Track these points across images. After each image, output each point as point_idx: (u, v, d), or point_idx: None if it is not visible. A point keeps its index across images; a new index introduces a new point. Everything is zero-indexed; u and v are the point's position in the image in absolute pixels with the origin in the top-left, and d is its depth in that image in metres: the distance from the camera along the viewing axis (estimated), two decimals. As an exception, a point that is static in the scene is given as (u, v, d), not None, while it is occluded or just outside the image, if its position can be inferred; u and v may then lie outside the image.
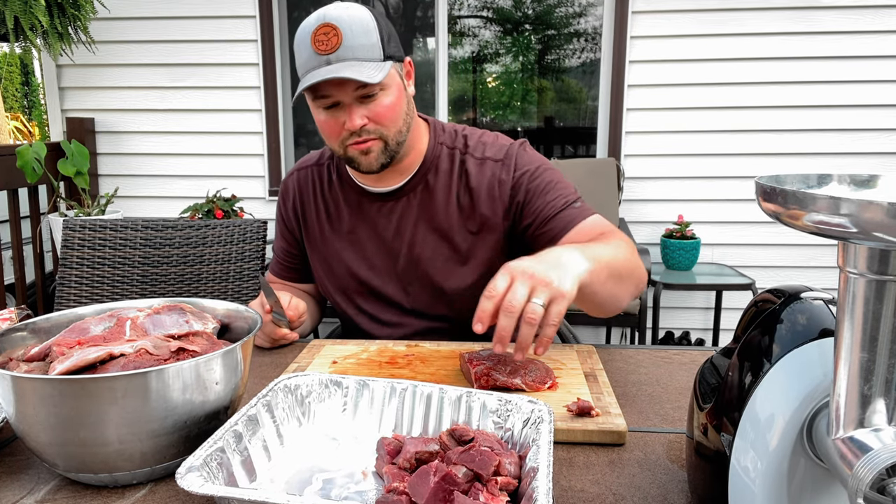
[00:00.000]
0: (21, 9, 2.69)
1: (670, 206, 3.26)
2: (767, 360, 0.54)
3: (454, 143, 1.25)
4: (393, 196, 1.24)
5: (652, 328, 2.95)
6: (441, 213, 1.22)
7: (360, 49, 1.05)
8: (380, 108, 1.10)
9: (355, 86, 1.07)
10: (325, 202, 1.30)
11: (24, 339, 0.79)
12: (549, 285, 0.82)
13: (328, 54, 1.04)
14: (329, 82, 1.06)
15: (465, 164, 1.22)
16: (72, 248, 1.68)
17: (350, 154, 1.14)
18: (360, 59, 1.06)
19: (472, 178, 1.21)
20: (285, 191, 1.35)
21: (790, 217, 0.43)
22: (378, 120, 1.11)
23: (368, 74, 1.05)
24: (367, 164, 1.14)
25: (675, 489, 0.70)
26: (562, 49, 3.44)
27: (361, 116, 1.09)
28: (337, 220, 1.28)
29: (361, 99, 1.09)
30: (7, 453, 0.78)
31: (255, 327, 0.80)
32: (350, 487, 0.67)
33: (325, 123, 1.13)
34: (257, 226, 1.70)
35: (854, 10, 3.04)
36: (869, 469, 0.43)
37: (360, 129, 1.10)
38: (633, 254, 1.07)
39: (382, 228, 1.25)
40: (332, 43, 1.04)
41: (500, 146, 1.23)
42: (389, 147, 1.14)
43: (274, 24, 3.29)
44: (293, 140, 3.55)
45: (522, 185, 1.19)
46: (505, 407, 0.73)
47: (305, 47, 1.06)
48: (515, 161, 1.21)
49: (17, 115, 6.91)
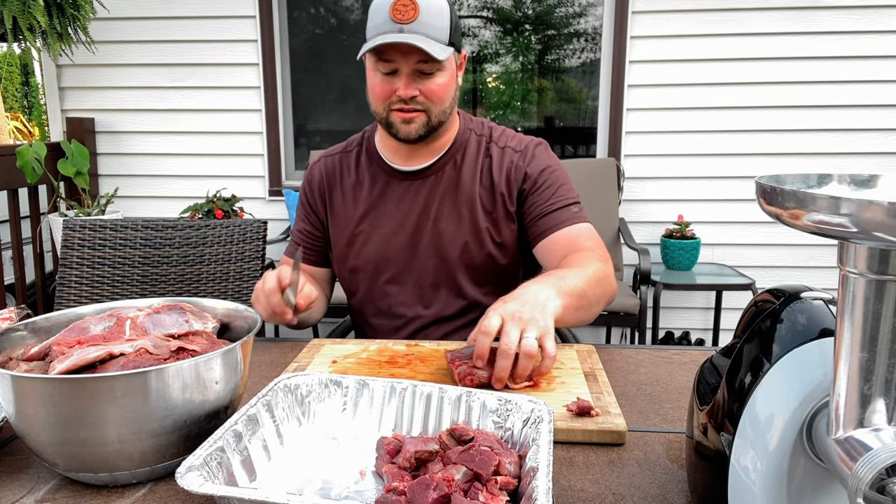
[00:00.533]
0: (19, 9, 2.69)
1: (670, 206, 3.26)
2: (767, 359, 0.54)
3: (482, 130, 1.35)
4: (422, 174, 1.31)
5: (652, 328, 2.95)
6: (466, 192, 1.30)
7: (431, 28, 1.14)
8: (433, 85, 1.20)
9: (418, 58, 1.16)
10: (353, 183, 1.36)
11: (24, 338, 0.79)
12: (537, 324, 0.93)
13: (403, 24, 1.13)
14: (395, 49, 1.15)
15: (490, 150, 1.32)
16: (72, 248, 1.68)
17: (392, 119, 1.22)
18: (430, 37, 1.15)
19: (495, 162, 1.31)
20: (311, 176, 1.41)
21: (790, 217, 0.43)
22: (428, 95, 1.20)
23: (434, 50, 1.14)
24: (405, 132, 1.23)
25: (675, 489, 0.70)
26: (562, 49, 3.44)
27: (414, 88, 1.19)
28: (362, 199, 1.34)
29: (419, 73, 1.18)
30: (7, 453, 0.78)
31: (255, 327, 0.80)
32: (350, 487, 0.67)
33: (379, 86, 1.21)
34: (257, 226, 1.70)
35: (854, 10, 3.04)
36: (869, 469, 0.43)
37: (409, 99, 1.19)
38: (604, 274, 1.16)
39: (409, 206, 1.31)
40: (410, 15, 1.13)
41: (521, 139, 1.34)
42: (431, 122, 1.23)
43: (274, 24, 3.29)
44: (293, 140, 3.55)
45: (531, 177, 1.29)
46: (505, 406, 0.73)
47: (382, 13, 1.15)
48: (532, 154, 1.31)
49: (17, 115, 6.91)
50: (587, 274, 1.11)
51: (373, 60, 1.19)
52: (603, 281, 1.15)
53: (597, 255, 1.19)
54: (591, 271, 1.12)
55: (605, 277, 1.16)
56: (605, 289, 1.15)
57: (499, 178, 1.30)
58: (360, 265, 1.34)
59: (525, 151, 1.31)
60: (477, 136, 1.34)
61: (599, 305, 1.15)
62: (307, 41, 3.48)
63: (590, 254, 1.19)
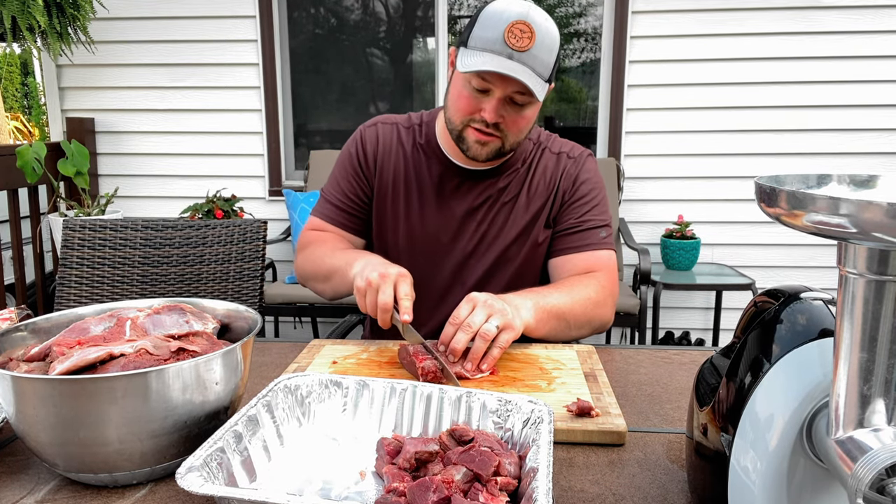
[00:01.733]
0: (19, 9, 2.69)
1: (670, 206, 3.26)
2: (767, 360, 0.54)
3: (538, 138, 1.34)
4: (477, 176, 1.29)
5: (652, 328, 2.95)
6: (513, 197, 1.29)
7: (539, 62, 1.10)
8: (520, 118, 1.17)
9: (516, 89, 1.11)
10: (406, 163, 1.31)
11: (24, 339, 0.79)
12: (505, 316, 0.98)
13: (515, 50, 1.08)
14: (498, 73, 1.08)
15: (543, 155, 1.32)
16: (72, 248, 1.68)
17: (466, 135, 1.19)
18: (535, 72, 1.10)
19: (549, 168, 1.31)
20: (365, 137, 1.34)
21: (790, 217, 0.43)
22: (510, 126, 1.17)
23: (537, 88, 1.10)
24: (475, 152, 1.20)
25: (675, 489, 0.70)
26: (562, 49, 3.44)
27: (500, 115, 1.14)
28: (413, 184, 1.31)
29: (511, 101, 1.14)
30: (7, 453, 0.78)
31: (255, 327, 0.80)
32: (350, 488, 0.67)
33: (466, 100, 1.16)
34: (257, 226, 1.70)
35: (854, 10, 3.04)
36: (868, 469, 0.43)
37: (492, 124, 1.15)
38: (596, 303, 1.18)
39: (458, 204, 1.29)
40: (524, 43, 1.08)
41: (574, 146, 1.34)
42: (503, 149, 1.21)
43: (274, 24, 3.29)
44: (293, 140, 3.55)
45: (576, 186, 1.29)
46: (505, 407, 0.73)
47: (496, 30, 1.08)
48: (583, 165, 1.31)
49: (17, 115, 6.91)
50: (574, 298, 1.14)
51: (470, 75, 1.13)
52: (591, 309, 1.16)
53: (597, 285, 1.20)
54: (580, 297, 1.15)
55: (594, 306, 1.17)
56: (591, 317, 1.18)
57: (552, 183, 1.29)
58: (391, 248, 1.32)
59: (578, 159, 1.31)
60: (533, 143, 1.32)
61: (582, 330, 1.18)
62: (307, 41, 3.48)
63: (592, 282, 1.20)
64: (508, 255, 1.30)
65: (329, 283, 1.24)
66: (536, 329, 1.07)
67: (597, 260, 1.26)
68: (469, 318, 0.97)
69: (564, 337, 1.16)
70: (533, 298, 1.08)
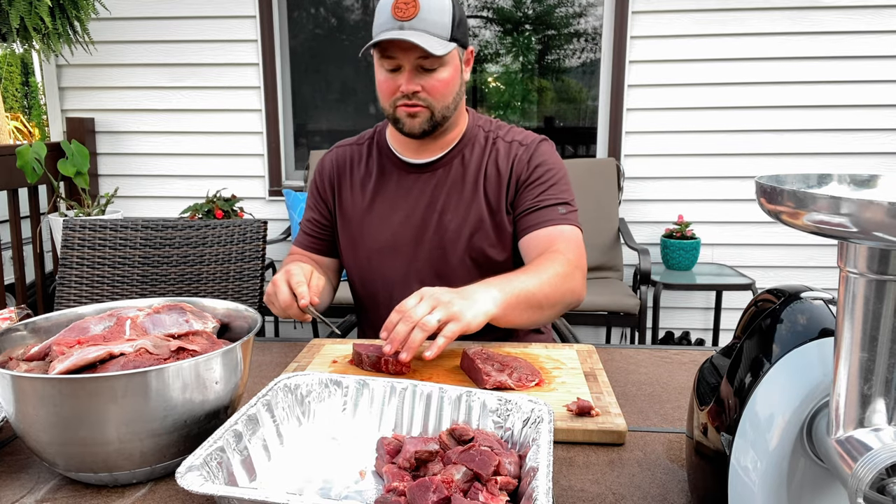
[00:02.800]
0: (26, 9, 2.69)
1: (670, 206, 3.26)
2: (767, 360, 0.54)
3: (490, 127, 1.37)
4: (430, 167, 1.33)
5: (652, 328, 2.95)
6: (470, 185, 1.32)
7: (431, 24, 1.17)
8: (435, 81, 1.21)
9: (418, 54, 1.17)
10: (363, 175, 1.38)
11: (24, 338, 0.79)
12: (450, 308, 0.98)
13: (404, 21, 1.16)
14: (396, 46, 1.17)
15: (496, 143, 1.34)
16: (72, 248, 1.68)
17: (398, 115, 1.24)
18: (430, 33, 1.17)
19: (501, 156, 1.33)
20: (322, 166, 1.43)
21: (790, 217, 0.43)
22: (430, 91, 1.22)
23: (432, 46, 1.15)
24: (409, 126, 1.24)
25: (675, 489, 0.70)
26: (562, 49, 3.44)
27: (416, 84, 1.20)
28: (373, 191, 1.36)
29: (421, 69, 1.20)
30: (7, 453, 0.78)
31: (255, 327, 0.80)
32: (350, 487, 0.67)
33: (384, 83, 1.23)
34: (257, 226, 1.70)
35: (854, 10, 3.04)
36: (869, 469, 0.43)
37: (411, 94, 1.21)
38: (564, 279, 1.17)
39: (416, 198, 1.33)
40: (411, 12, 1.16)
41: (527, 134, 1.36)
42: (434, 118, 1.24)
43: (274, 24, 3.29)
44: (293, 140, 3.55)
45: (529, 170, 1.31)
46: (505, 406, 0.73)
47: (385, 11, 1.17)
48: (536, 149, 1.33)
49: (17, 115, 6.91)
50: (541, 278, 1.13)
51: (378, 58, 1.21)
52: (560, 285, 1.16)
53: (562, 259, 1.20)
54: (546, 275, 1.15)
55: (562, 280, 1.17)
56: (562, 292, 1.16)
57: (505, 170, 1.31)
58: (366, 255, 1.36)
59: (530, 146, 1.33)
60: (485, 131, 1.36)
61: (555, 308, 1.17)
62: (307, 41, 3.48)
63: (557, 257, 1.20)
64: (477, 244, 1.31)
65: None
66: (505, 316, 1.06)
67: (559, 234, 1.25)
68: (411, 310, 0.97)
69: (540, 319, 1.16)
70: (497, 285, 1.07)
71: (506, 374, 0.92)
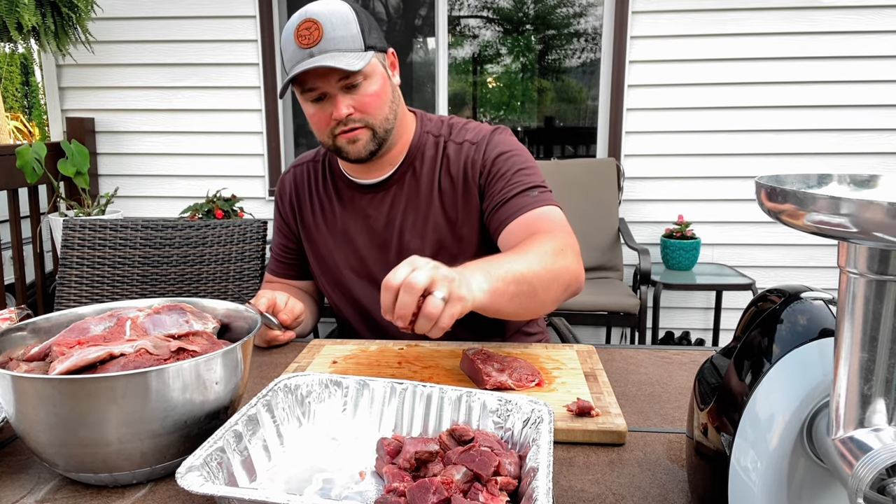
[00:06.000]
0: (6, 8, 2.68)
1: (670, 206, 3.26)
2: (767, 360, 0.54)
3: (440, 131, 1.28)
4: (382, 186, 1.27)
5: (652, 328, 2.95)
6: (425, 200, 1.24)
7: (340, 41, 1.09)
8: (364, 96, 1.13)
9: (338, 76, 1.10)
10: (320, 197, 1.32)
11: (24, 338, 0.79)
12: (450, 283, 0.82)
13: (311, 47, 1.08)
14: (314, 74, 1.09)
15: (447, 149, 1.25)
16: (72, 248, 1.68)
17: (339, 144, 1.17)
18: (342, 50, 1.09)
19: (452, 162, 1.24)
20: (282, 188, 1.38)
21: (790, 217, 0.43)
22: (363, 108, 1.14)
23: (348, 63, 1.08)
24: (355, 152, 1.17)
25: (675, 489, 0.70)
26: (562, 49, 3.44)
27: (347, 106, 1.12)
28: (331, 215, 1.31)
29: (346, 89, 1.12)
30: (7, 453, 0.78)
31: (256, 327, 0.80)
32: (350, 487, 0.67)
33: (314, 116, 1.16)
34: (257, 226, 1.70)
35: (854, 10, 3.04)
36: (869, 469, 0.43)
37: (346, 119, 1.13)
38: (556, 258, 1.02)
39: (374, 220, 1.27)
40: (314, 37, 1.08)
41: (479, 130, 1.26)
42: (377, 135, 1.17)
43: (274, 24, 3.30)
44: (293, 140, 3.55)
45: (487, 167, 1.22)
46: (505, 407, 0.73)
47: (290, 43, 1.10)
48: (488, 143, 1.23)
49: (17, 115, 6.91)
50: (529, 258, 0.99)
51: (300, 94, 1.14)
52: (552, 262, 1.01)
53: (551, 238, 1.06)
54: (536, 253, 1.00)
55: (555, 256, 1.02)
56: (557, 271, 1.01)
57: (457, 177, 1.22)
58: (334, 280, 1.33)
59: (480, 143, 1.23)
60: (434, 137, 1.26)
61: (551, 291, 1.01)
62: (307, 41, 3.47)
63: (543, 237, 1.06)
64: (447, 255, 1.21)
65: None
66: (495, 303, 0.90)
67: (538, 217, 1.13)
68: (410, 277, 0.80)
69: (535, 305, 1.00)
70: (483, 268, 0.91)
71: (506, 374, 0.92)
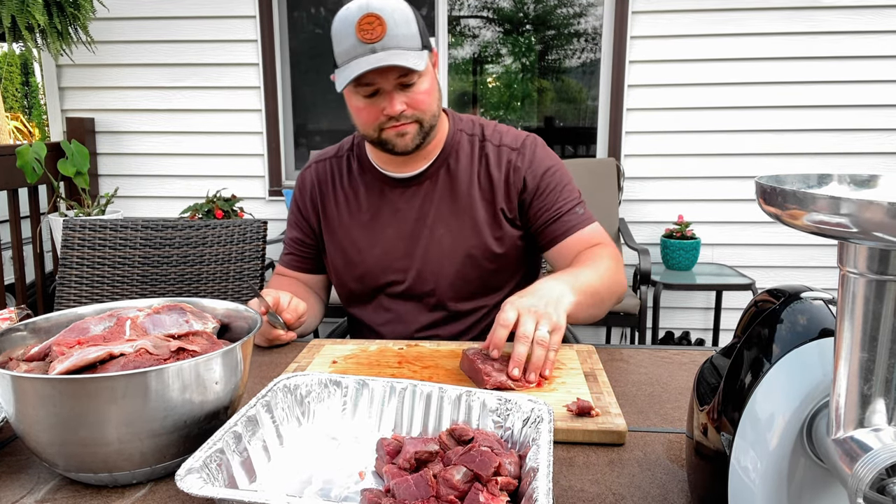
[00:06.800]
0: (18, 8, 2.69)
1: (670, 206, 3.26)
2: (767, 360, 0.54)
3: (473, 130, 1.31)
4: (415, 180, 1.29)
5: (652, 328, 2.95)
6: (464, 196, 1.27)
7: (402, 38, 1.10)
8: (419, 94, 1.16)
9: (398, 73, 1.11)
10: (345, 191, 1.33)
11: (24, 338, 0.79)
12: (550, 318, 0.96)
13: (373, 43, 1.08)
14: (373, 70, 1.09)
15: (485, 149, 1.29)
16: (72, 248, 1.68)
17: (385, 137, 1.19)
18: (403, 49, 1.10)
19: (492, 163, 1.28)
20: (303, 183, 1.38)
21: (790, 217, 0.43)
22: (417, 105, 1.16)
23: (414, 62, 1.10)
24: (402, 145, 1.19)
25: (675, 489, 0.70)
26: (562, 49, 3.44)
27: (401, 102, 1.14)
28: (357, 209, 1.32)
29: (401, 86, 1.14)
30: (7, 453, 0.78)
31: (256, 327, 0.80)
32: (350, 488, 0.67)
33: (364, 110, 1.17)
34: (257, 226, 1.70)
35: (854, 10, 3.04)
36: (869, 469, 0.43)
37: (399, 115, 1.15)
38: (615, 271, 1.18)
39: (405, 213, 1.29)
40: (378, 32, 1.08)
41: (515, 136, 1.31)
42: (424, 129, 1.20)
43: (274, 24, 3.29)
44: (293, 140, 3.55)
45: (533, 181, 1.27)
46: (505, 406, 0.73)
47: (348, 35, 1.09)
48: (532, 154, 1.28)
49: (17, 115, 6.91)
50: (600, 273, 1.13)
51: (351, 86, 1.14)
52: (613, 278, 1.17)
53: (608, 253, 1.20)
54: (603, 269, 1.15)
55: (615, 275, 1.18)
56: (617, 287, 1.18)
57: (498, 179, 1.27)
58: (358, 273, 1.33)
59: (522, 150, 1.28)
60: (469, 136, 1.30)
61: (611, 302, 1.18)
62: (307, 41, 3.48)
63: (602, 251, 1.20)
64: (473, 252, 1.28)
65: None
66: (576, 313, 1.04)
67: (590, 236, 1.25)
68: (521, 329, 0.94)
69: (598, 314, 1.15)
70: (567, 281, 1.05)
71: (506, 373, 0.92)
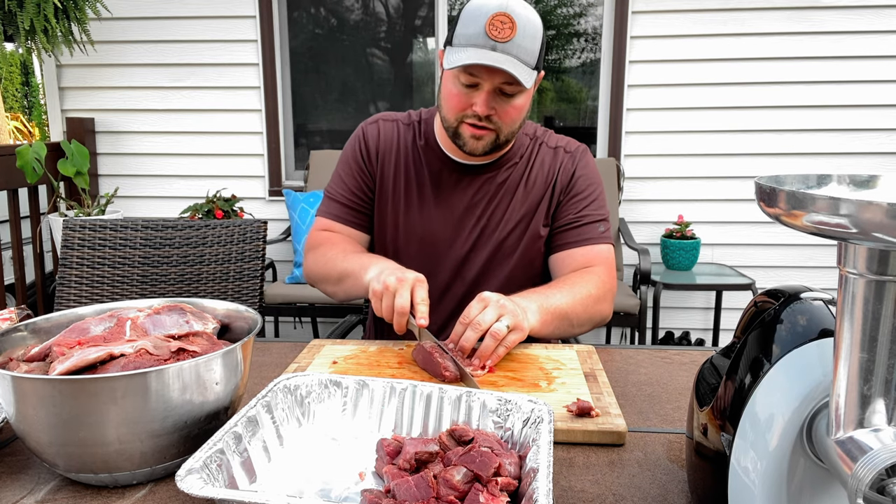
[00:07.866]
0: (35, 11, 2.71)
1: (670, 206, 3.26)
2: (767, 360, 0.54)
3: (534, 133, 1.35)
4: (477, 170, 1.30)
5: (652, 328, 2.95)
6: (520, 193, 1.30)
7: (524, 51, 1.10)
8: (510, 107, 1.17)
9: (504, 79, 1.12)
10: (406, 160, 1.32)
11: (24, 339, 0.79)
12: (516, 316, 0.99)
13: (499, 41, 1.08)
14: (484, 66, 1.09)
15: (540, 150, 1.33)
16: (72, 248, 1.68)
17: (461, 131, 1.20)
18: (521, 60, 1.11)
19: (547, 164, 1.32)
20: (367, 134, 1.34)
21: (790, 217, 0.43)
22: (504, 116, 1.17)
23: (524, 77, 1.10)
24: (471, 147, 1.20)
25: (675, 489, 0.70)
26: (562, 49, 3.44)
27: (491, 107, 1.15)
28: (413, 181, 1.32)
29: (500, 92, 1.14)
30: (7, 453, 0.78)
31: (256, 327, 0.80)
32: (350, 488, 0.67)
33: (455, 97, 1.17)
34: (257, 226, 1.70)
35: (854, 10, 3.04)
36: (869, 469, 0.43)
37: (484, 116, 1.15)
38: (597, 300, 1.19)
39: (457, 199, 1.30)
40: (505, 34, 1.08)
41: (570, 141, 1.36)
42: (499, 141, 1.21)
43: (274, 24, 3.29)
44: (293, 140, 3.55)
45: (572, 182, 1.30)
46: (505, 406, 0.73)
47: (477, 23, 1.09)
48: (582, 159, 1.32)
49: (17, 115, 6.91)
50: (575, 297, 1.15)
51: (456, 70, 1.13)
52: (591, 306, 1.17)
53: (597, 280, 1.20)
54: (580, 294, 1.16)
55: (595, 302, 1.18)
56: (592, 313, 1.19)
57: (549, 177, 1.30)
58: (393, 246, 1.33)
59: (575, 153, 1.32)
60: (530, 138, 1.33)
61: (583, 327, 1.19)
62: (307, 41, 3.48)
63: (592, 277, 1.21)
64: (506, 249, 1.30)
65: (341, 285, 1.23)
66: (541, 331, 1.08)
67: (596, 254, 1.26)
68: (479, 317, 0.97)
69: (566, 334, 1.18)
70: (536, 301, 1.09)
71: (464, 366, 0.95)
